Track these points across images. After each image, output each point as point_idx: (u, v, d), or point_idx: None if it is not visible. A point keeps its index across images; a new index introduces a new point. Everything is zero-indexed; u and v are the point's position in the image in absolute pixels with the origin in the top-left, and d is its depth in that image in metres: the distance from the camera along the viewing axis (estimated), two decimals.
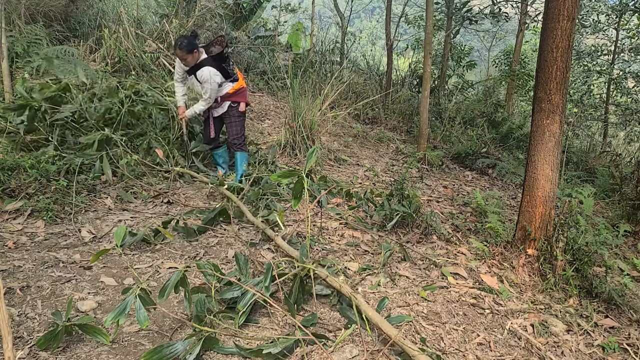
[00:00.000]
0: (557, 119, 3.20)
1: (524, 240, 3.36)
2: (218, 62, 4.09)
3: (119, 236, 2.11)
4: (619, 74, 9.38)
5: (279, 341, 2.05)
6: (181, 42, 3.92)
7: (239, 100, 4.29)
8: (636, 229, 4.52)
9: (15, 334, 2.04)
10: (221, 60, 4.11)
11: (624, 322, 2.93)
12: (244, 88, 4.33)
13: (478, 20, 8.81)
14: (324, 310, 2.51)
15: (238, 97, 4.28)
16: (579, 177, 6.27)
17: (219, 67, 4.08)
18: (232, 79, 4.23)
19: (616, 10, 8.90)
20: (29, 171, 3.44)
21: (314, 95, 6.14)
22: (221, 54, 4.11)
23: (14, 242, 2.85)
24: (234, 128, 4.34)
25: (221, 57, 4.11)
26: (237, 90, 4.26)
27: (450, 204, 4.78)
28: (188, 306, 2.13)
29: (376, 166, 5.82)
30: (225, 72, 4.14)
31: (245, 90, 4.36)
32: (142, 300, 1.98)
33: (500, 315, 2.76)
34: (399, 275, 3.04)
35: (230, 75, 4.19)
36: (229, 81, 4.21)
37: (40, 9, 6.61)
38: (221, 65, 4.10)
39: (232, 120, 4.33)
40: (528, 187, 3.34)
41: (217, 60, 4.09)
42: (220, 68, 4.10)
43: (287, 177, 2.51)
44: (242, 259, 2.63)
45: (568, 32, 3.13)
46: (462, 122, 8.18)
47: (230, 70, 4.18)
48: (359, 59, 11.33)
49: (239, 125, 4.35)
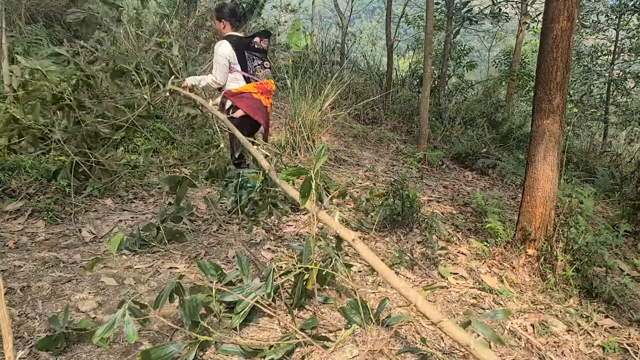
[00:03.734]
0: (557, 119, 3.20)
1: (524, 240, 3.36)
2: (241, 45, 3.64)
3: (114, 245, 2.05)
4: (619, 75, 9.37)
5: (280, 346, 2.05)
6: (222, 5, 3.74)
7: (238, 106, 3.69)
8: (636, 229, 4.52)
9: (16, 334, 2.04)
10: (246, 46, 3.67)
11: (624, 322, 2.93)
12: (248, 94, 3.68)
13: (478, 20, 8.81)
14: (325, 310, 2.51)
15: (238, 101, 3.68)
16: (579, 177, 6.26)
17: (238, 49, 3.61)
18: (248, 75, 3.69)
19: (616, 11, 8.90)
20: (29, 171, 3.45)
21: (314, 95, 6.14)
22: (247, 39, 3.68)
23: (14, 242, 2.85)
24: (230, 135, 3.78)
25: (246, 42, 3.67)
26: (240, 93, 3.67)
27: (451, 204, 4.78)
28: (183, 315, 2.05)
29: (376, 166, 5.83)
30: (243, 60, 3.66)
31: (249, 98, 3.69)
32: (135, 312, 1.94)
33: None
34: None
35: (247, 68, 3.68)
36: (242, 74, 3.67)
37: (41, 9, 6.61)
38: (243, 51, 3.64)
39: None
40: (528, 187, 3.34)
41: (242, 44, 3.65)
42: (241, 52, 3.63)
43: (295, 176, 2.50)
44: (243, 260, 2.63)
45: (568, 32, 3.13)
46: (462, 122, 8.18)
47: (250, 63, 3.68)
48: (359, 59, 11.33)
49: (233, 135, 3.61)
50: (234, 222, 3.60)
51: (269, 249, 3.21)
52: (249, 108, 3.69)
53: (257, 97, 3.71)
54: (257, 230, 3.48)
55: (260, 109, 3.75)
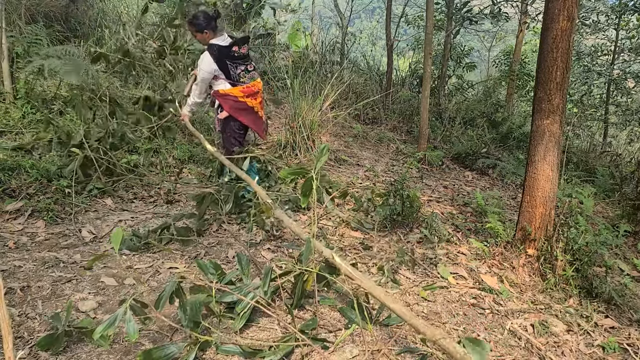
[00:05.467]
0: (557, 119, 3.20)
1: (524, 240, 3.36)
2: (222, 56, 3.63)
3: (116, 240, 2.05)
4: (619, 74, 9.37)
5: (280, 347, 2.05)
6: (194, 16, 3.64)
7: (223, 107, 3.77)
8: (636, 229, 4.51)
9: (16, 334, 2.04)
10: (225, 56, 3.65)
11: (624, 322, 2.93)
12: (234, 97, 3.74)
13: (478, 20, 8.80)
14: (325, 310, 2.51)
15: (223, 102, 3.75)
16: (579, 177, 6.26)
17: (220, 60, 3.63)
18: (232, 82, 3.73)
19: (616, 11, 8.89)
20: (29, 171, 3.45)
21: (314, 95, 6.14)
22: (226, 48, 3.64)
23: (14, 242, 2.86)
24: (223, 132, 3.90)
25: (226, 52, 3.65)
26: (226, 95, 3.73)
27: (451, 204, 4.78)
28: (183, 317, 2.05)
29: (376, 166, 5.82)
30: (226, 70, 3.68)
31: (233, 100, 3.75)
32: (137, 310, 1.94)
33: (501, 315, 2.76)
34: (399, 276, 3.04)
35: (231, 77, 3.71)
36: (228, 81, 3.72)
37: (41, 9, 6.61)
38: (224, 61, 3.65)
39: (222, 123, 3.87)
40: (528, 187, 3.34)
41: (223, 54, 3.63)
42: (222, 62, 3.65)
43: (296, 175, 2.49)
44: (243, 260, 2.63)
45: (568, 32, 3.13)
46: (462, 122, 8.18)
47: (233, 72, 3.70)
48: (359, 59, 11.32)
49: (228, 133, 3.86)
50: (234, 222, 3.60)
51: (269, 249, 3.21)
52: (232, 109, 3.77)
53: (243, 100, 3.78)
54: (257, 230, 3.48)
55: (245, 110, 3.82)
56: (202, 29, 3.62)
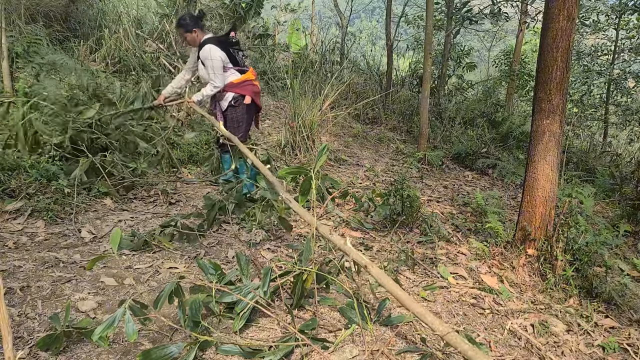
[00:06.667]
0: (557, 119, 3.20)
1: (524, 240, 3.36)
2: (224, 45, 3.72)
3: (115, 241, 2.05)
4: (619, 74, 9.37)
5: (279, 347, 2.05)
6: (180, 18, 3.71)
7: (244, 93, 3.82)
8: (636, 229, 4.51)
9: (16, 334, 2.04)
10: (228, 44, 3.74)
11: (624, 322, 2.93)
12: (250, 81, 3.85)
13: (478, 20, 8.80)
14: (325, 310, 2.51)
15: (243, 90, 3.81)
16: (579, 177, 6.26)
17: (225, 49, 3.71)
18: (240, 68, 3.82)
19: (616, 11, 8.89)
20: (29, 171, 3.44)
21: (314, 95, 6.14)
22: (228, 35, 3.75)
23: (14, 242, 2.85)
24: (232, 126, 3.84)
25: (228, 40, 3.74)
26: (243, 82, 3.81)
27: (450, 204, 4.78)
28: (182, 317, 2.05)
29: (376, 166, 5.82)
30: (233, 57, 3.76)
31: (251, 84, 3.86)
32: (136, 311, 1.94)
33: (500, 315, 2.76)
34: (399, 276, 3.04)
35: (238, 63, 3.80)
36: (237, 69, 3.80)
37: (40, 9, 6.60)
38: (228, 49, 3.73)
39: (233, 117, 3.85)
40: (528, 187, 3.34)
41: (224, 43, 3.73)
42: (227, 51, 3.73)
43: (295, 174, 2.48)
44: (243, 259, 2.63)
45: (568, 32, 3.13)
46: (462, 122, 8.18)
47: (238, 58, 3.81)
48: (359, 59, 11.32)
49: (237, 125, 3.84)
50: (234, 222, 3.60)
51: (269, 249, 3.21)
52: (253, 94, 3.89)
53: (256, 82, 3.95)
54: (257, 230, 3.48)
55: (259, 93, 4.01)
56: (190, 28, 3.71)
